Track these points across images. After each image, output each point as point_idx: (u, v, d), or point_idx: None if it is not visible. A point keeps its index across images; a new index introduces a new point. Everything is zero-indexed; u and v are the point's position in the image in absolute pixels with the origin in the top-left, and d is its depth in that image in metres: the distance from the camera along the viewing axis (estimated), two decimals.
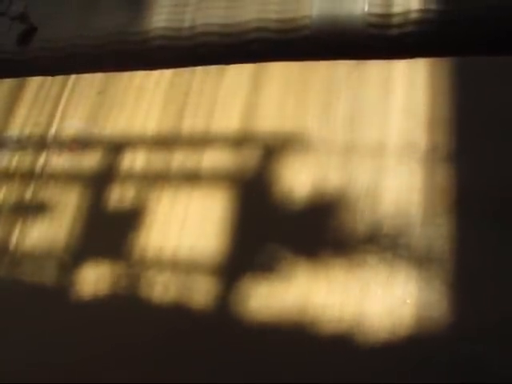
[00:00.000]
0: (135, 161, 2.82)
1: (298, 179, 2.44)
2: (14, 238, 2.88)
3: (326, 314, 2.15)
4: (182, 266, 2.45)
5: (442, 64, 2.45)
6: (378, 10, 2.56)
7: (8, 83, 3.46)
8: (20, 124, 3.26)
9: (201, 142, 2.72)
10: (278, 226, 2.39)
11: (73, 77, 3.26)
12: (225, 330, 2.27)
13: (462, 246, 2.10)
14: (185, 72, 2.96)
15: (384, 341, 2.05)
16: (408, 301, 2.08)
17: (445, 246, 2.12)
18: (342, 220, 2.29)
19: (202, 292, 2.37)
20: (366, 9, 2.58)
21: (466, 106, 2.34)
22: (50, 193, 2.93)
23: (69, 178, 2.92)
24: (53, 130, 3.13)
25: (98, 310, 2.52)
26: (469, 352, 1.94)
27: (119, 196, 2.75)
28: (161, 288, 2.44)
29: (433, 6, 2.44)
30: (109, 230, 2.70)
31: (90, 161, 2.92)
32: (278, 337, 2.18)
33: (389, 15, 2.53)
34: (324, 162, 2.43)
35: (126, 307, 2.47)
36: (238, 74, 2.82)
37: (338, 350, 2.09)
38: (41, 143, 3.12)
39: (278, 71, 2.74)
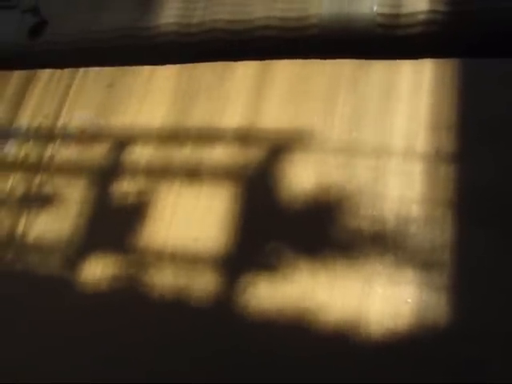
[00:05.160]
0: (142, 155, 2.83)
1: (302, 177, 2.45)
2: (19, 229, 2.90)
3: (327, 312, 2.16)
4: (186, 261, 2.46)
5: (447, 65, 2.45)
6: (386, 10, 2.56)
7: (18, 75, 3.48)
8: (29, 116, 3.28)
9: (207, 137, 2.73)
10: (280, 223, 2.40)
11: (82, 70, 3.28)
12: (225, 326, 2.28)
13: (463, 246, 2.11)
14: (193, 68, 2.97)
15: (384, 339, 2.05)
16: (409, 300, 2.08)
17: (446, 246, 2.12)
18: (344, 219, 2.29)
19: (204, 287, 2.38)
20: (375, 9, 2.58)
21: (470, 108, 2.34)
22: (57, 185, 2.94)
23: (75, 170, 2.94)
24: (61, 123, 3.15)
25: (101, 304, 2.53)
26: (469, 352, 1.95)
27: (125, 189, 2.77)
28: (163, 282, 2.45)
29: (441, 8, 2.44)
30: (114, 224, 2.71)
31: (97, 154, 2.94)
32: (279, 333, 2.19)
33: (397, 15, 2.53)
34: (327, 161, 2.44)
35: (129, 300, 2.49)
36: (245, 71, 2.82)
37: (338, 347, 2.09)
38: (49, 135, 3.14)
39: (284, 69, 2.74)
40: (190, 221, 2.55)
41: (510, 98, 2.30)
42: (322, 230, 2.30)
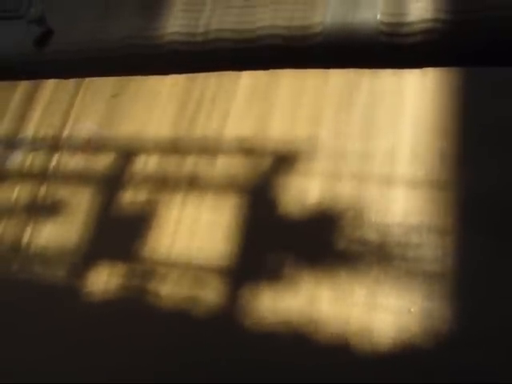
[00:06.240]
0: (147, 164, 2.85)
1: (308, 187, 2.45)
2: (25, 238, 2.91)
3: (331, 322, 2.16)
4: (190, 271, 2.47)
5: (452, 74, 2.45)
6: (390, 19, 2.57)
7: (24, 85, 3.50)
8: (34, 125, 3.30)
9: (212, 147, 2.74)
10: (286, 233, 2.41)
11: (87, 80, 3.30)
12: (229, 335, 2.28)
13: (465, 255, 2.11)
14: (198, 77, 2.99)
15: (388, 349, 2.05)
16: (412, 309, 2.08)
17: (448, 254, 2.12)
18: (347, 229, 2.30)
19: (208, 297, 2.39)
20: (379, 17, 2.58)
21: (472, 115, 2.35)
22: (62, 194, 2.96)
23: (81, 179, 2.96)
24: (66, 132, 3.17)
25: (106, 312, 2.54)
26: (472, 360, 1.94)
27: (130, 199, 2.78)
28: (169, 291, 2.46)
29: (443, 17, 2.45)
30: (119, 233, 2.73)
31: (102, 163, 2.96)
32: (282, 343, 2.19)
33: (401, 24, 2.54)
34: (334, 171, 2.44)
35: (134, 309, 2.49)
36: (251, 81, 2.83)
37: (342, 357, 2.09)
38: (54, 144, 3.16)
39: (289, 78, 2.75)
40: (194, 231, 2.55)
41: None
42: (325, 240, 2.30)
